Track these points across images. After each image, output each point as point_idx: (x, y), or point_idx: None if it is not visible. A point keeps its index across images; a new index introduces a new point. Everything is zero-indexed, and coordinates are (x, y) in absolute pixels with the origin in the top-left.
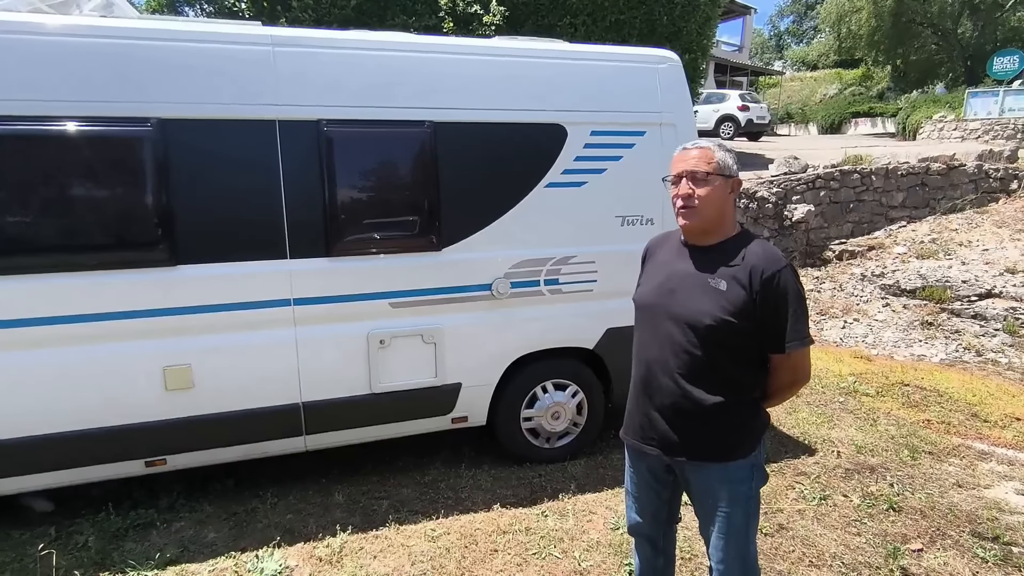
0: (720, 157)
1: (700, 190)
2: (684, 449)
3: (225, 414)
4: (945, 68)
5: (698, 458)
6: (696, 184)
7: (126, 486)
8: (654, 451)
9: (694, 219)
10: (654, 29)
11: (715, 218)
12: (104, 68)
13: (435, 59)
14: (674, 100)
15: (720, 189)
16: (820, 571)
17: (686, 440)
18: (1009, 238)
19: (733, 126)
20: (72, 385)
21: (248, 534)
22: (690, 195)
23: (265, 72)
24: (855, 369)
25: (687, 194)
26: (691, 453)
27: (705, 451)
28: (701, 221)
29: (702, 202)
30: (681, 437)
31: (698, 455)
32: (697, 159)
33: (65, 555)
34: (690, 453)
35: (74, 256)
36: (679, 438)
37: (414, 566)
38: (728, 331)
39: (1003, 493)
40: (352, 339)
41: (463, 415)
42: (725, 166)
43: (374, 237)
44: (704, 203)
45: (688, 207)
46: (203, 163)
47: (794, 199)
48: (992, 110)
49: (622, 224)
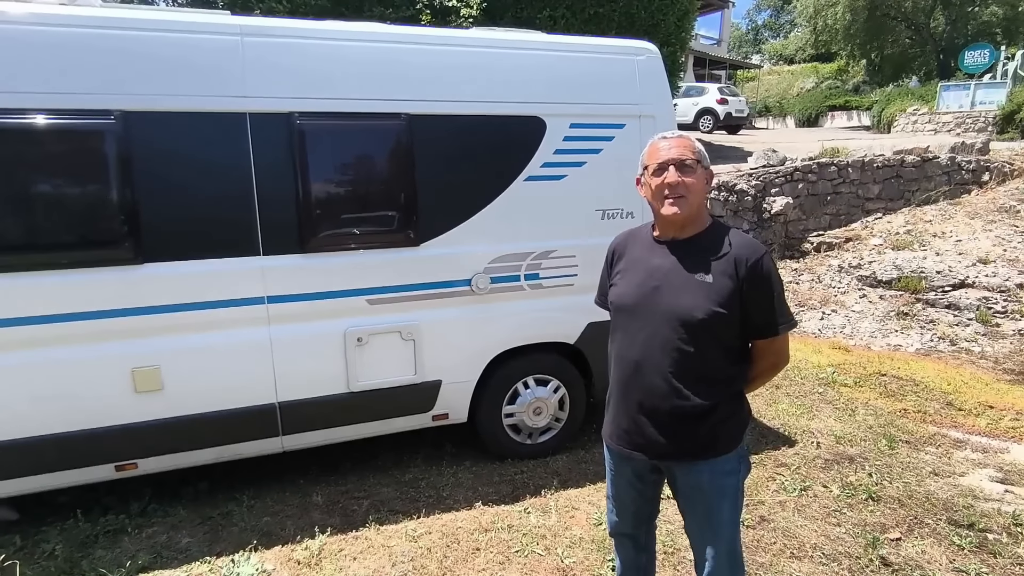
0: (698, 147)
1: (688, 178)
2: (674, 450)
3: (197, 416)
4: (919, 62)
5: (689, 457)
6: (684, 172)
7: (95, 492)
8: (641, 456)
9: (685, 208)
10: (633, 22)
11: (700, 206)
12: (64, 58)
13: (411, 50)
14: (653, 92)
15: (702, 178)
16: (801, 562)
17: (677, 441)
18: (981, 229)
19: (712, 119)
20: (35, 389)
21: (224, 538)
22: (680, 183)
23: (233, 63)
24: (833, 360)
25: (677, 182)
26: (681, 454)
27: (696, 450)
28: (691, 209)
29: (691, 190)
30: (672, 439)
31: (689, 455)
32: (682, 147)
33: (31, 565)
34: (680, 454)
35: (34, 255)
36: (669, 440)
37: (395, 567)
38: (719, 323)
39: (978, 480)
40: (328, 337)
41: (444, 412)
42: (704, 156)
43: (350, 232)
44: (692, 191)
45: (680, 196)
46: (170, 157)
47: (773, 192)
48: (964, 103)
49: (602, 217)
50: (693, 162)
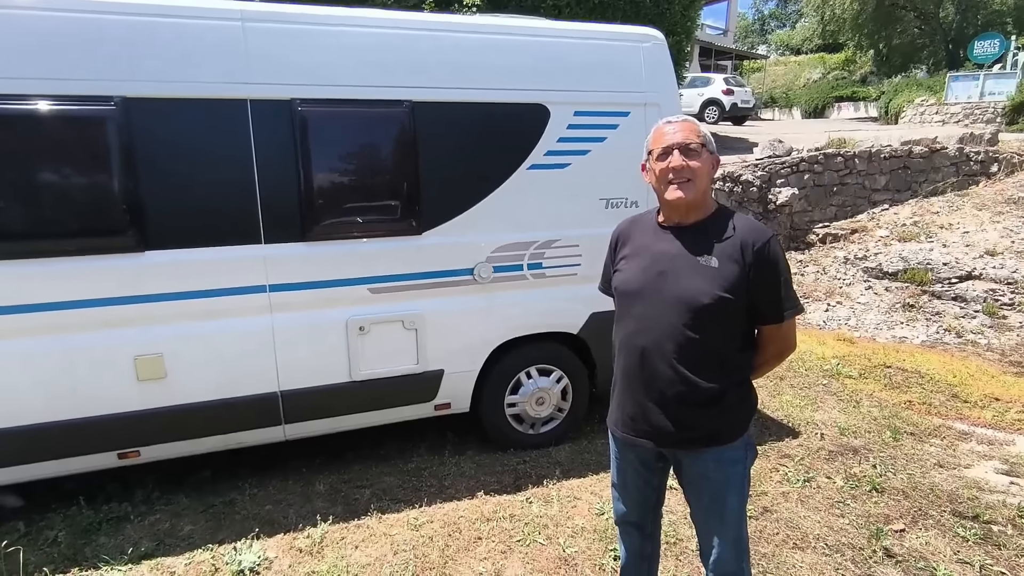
0: (703, 131)
1: (693, 162)
2: (681, 437)
3: (200, 404)
4: (927, 52)
5: (695, 445)
6: (689, 156)
7: (99, 479)
8: (647, 443)
9: (690, 192)
10: (638, 11)
11: (705, 191)
12: (64, 44)
13: (414, 36)
14: (659, 80)
15: (707, 163)
16: (804, 553)
17: (683, 428)
18: (989, 220)
19: (718, 110)
20: (38, 376)
21: (226, 526)
22: (685, 167)
23: (235, 49)
24: (838, 351)
25: (682, 166)
26: (688, 441)
27: (703, 437)
28: (696, 193)
29: (696, 174)
30: (678, 426)
31: (696, 442)
32: (687, 131)
33: (35, 551)
34: (687, 441)
35: (37, 243)
36: (676, 427)
37: (396, 556)
38: (725, 308)
39: (983, 472)
40: (331, 326)
41: (446, 402)
42: (710, 141)
43: (352, 221)
44: (697, 175)
45: (686, 180)
46: (171, 144)
47: (778, 182)
48: (973, 94)
49: (606, 207)
50: (698, 146)
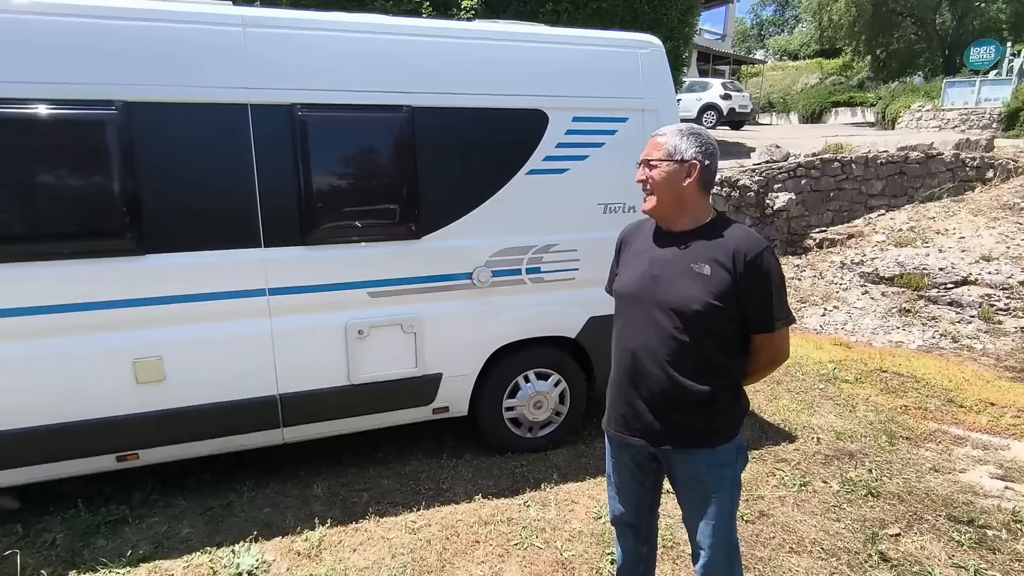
0: (672, 143)
1: (652, 173)
2: (671, 438)
3: (199, 407)
4: (924, 58)
5: (686, 446)
6: (649, 169)
7: (97, 481)
8: (639, 442)
9: (650, 202)
10: (636, 17)
11: (673, 201)
12: (65, 48)
13: (413, 42)
14: (656, 86)
15: (674, 174)
16: (800, 557)
17: (673, 429)
18: (985, 226)
19: (715, 115)
20: (38, 379)
21: (224, 529)
22: (644, 180)
23: (236, 54)
24: (835, 356)
25: (641, 179)
26: (678, 441)
27: (693, 438)
28: (658, 204)
29: (655, 185)
30: (668, 426)
31: (686, 443)
32: (650, 147)
33: (32, 554)
34: (677, 441)
35: (37, 246)
36: (666, 427)
37: (394, 559)
38: (715, 315)
39: (978, 477)
40: (330, 329)
41: (444, 405)
42: (676, 151)
43: (351, 225)
44: (657, 186)
45: (650, 191)
46: (171, 148)
47: (776, 187)
48: (969, 99)
49: (604, 212)
50: (658, 160)
